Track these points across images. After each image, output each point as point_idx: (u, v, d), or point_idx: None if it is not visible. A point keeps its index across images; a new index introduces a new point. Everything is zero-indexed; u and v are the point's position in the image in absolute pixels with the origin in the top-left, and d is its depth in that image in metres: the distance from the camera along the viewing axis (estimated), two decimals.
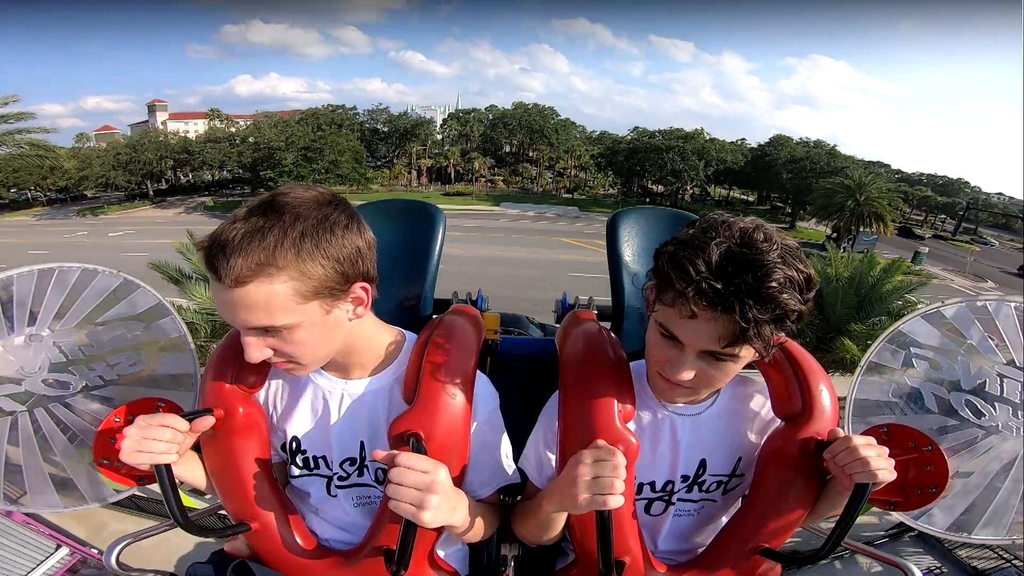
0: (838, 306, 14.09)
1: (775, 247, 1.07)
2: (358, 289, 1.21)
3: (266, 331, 1.14)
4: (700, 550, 1.46)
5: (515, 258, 35.23)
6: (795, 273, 1.06)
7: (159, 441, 1.18)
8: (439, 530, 1.34)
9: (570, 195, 68.89)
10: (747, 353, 1.15)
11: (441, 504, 1.15)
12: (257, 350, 1.16)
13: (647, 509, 1.45)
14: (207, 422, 1.29)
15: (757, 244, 1.06)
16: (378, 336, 1.39)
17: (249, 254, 1.05)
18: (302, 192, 1.15)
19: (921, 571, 1.36)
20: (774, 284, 1.03)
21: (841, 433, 1.28)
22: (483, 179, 71.23)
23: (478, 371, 1.40)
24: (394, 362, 1.39)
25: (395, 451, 1.17)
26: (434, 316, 1.78)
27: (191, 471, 1.39)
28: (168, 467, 1.20)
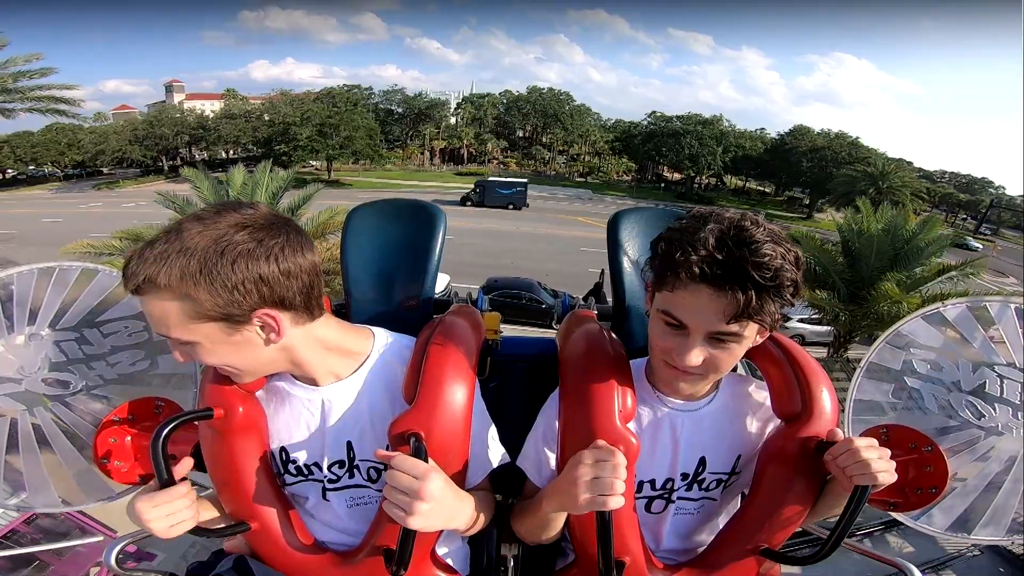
0: (872, 258, 14.11)
1: (762, 228, 1.13)
2: (263, 316, 1.17)
3: (173, 340, 1.16)
4: (700, 549, 1.46)
5: (530, 233, 36.63)
6: (784, 250, 1.12)
7: (181, 512, 1.21)
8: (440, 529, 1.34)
9: (583, 179, 69.17)
10: (751, 332, 1.18)
11: (431, 512, 1.15)
12: (174, 351, 1.20)
13: (648, 507, 1.45)
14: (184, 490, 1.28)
15: (745, 226, 1.12)
16: (336, 340, 1.36)
17: (141, 268, 1.08)
18: (219, 213, 1.14)
19: (956, 552, 1.37)
20: (768, 254, 1.09)
21: (841, 434, 1.28)
22: (496, 161, 71.64)
23: None
24: (367, 362, 1.38)
25: (394, 453, 1.17)
26: (434, 316, 1.77)
27: (207, 514, 1.41)
28: (168, 465, 1.20)
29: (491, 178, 51.53)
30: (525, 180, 51.09)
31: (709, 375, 1.28)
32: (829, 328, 17.27)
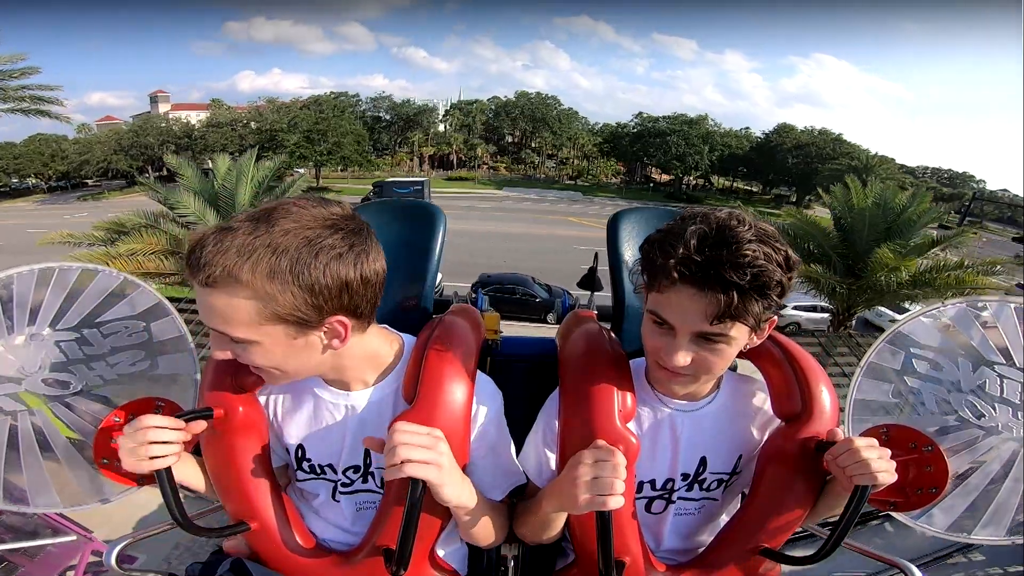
0: (865, 231, 14.32)
1: (748, 228, 1.12)
2: (334, 323, 1.15)
3: (228, 338, 1.12)
4: (701, 549, 1.46)
5: (524, 233, 37.16)
6: (772, 250, 1.10)
7: (156, 444, 1.17)
8: (440, 528, 1.34)
9: (573, 181, 69.75)
10: (739, 333, 1.17)
11: (452, 466, 1.18)
12: (219, 348, 1.15)
13: (648, 507, 1.45)
14: (200, 425, 1.28)
15: (731, 226, 1.11)
16: (376, 348, 1.36)
17: (221, 259, 1.02)
18: (309, 207, 1.10)
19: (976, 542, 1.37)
20: (749, 253, 1.07)
21: (840, 433, 1.28)
22: (485, 166, 72.12)
23: (481, 372, 1.40)
24: (396, 369, 1.38)
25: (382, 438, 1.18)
26: (434, 316, 1.78)
27: (191, 475, 1.40)
28: (168, 466, 1.20)
29: (389, 179, 52.22)
30: (424, 179, 51.77)
31: (700, 376, 1.28)
32: (826, 316, 17.28)
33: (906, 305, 20.36)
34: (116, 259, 11.67)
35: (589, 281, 2.45)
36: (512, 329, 2.09)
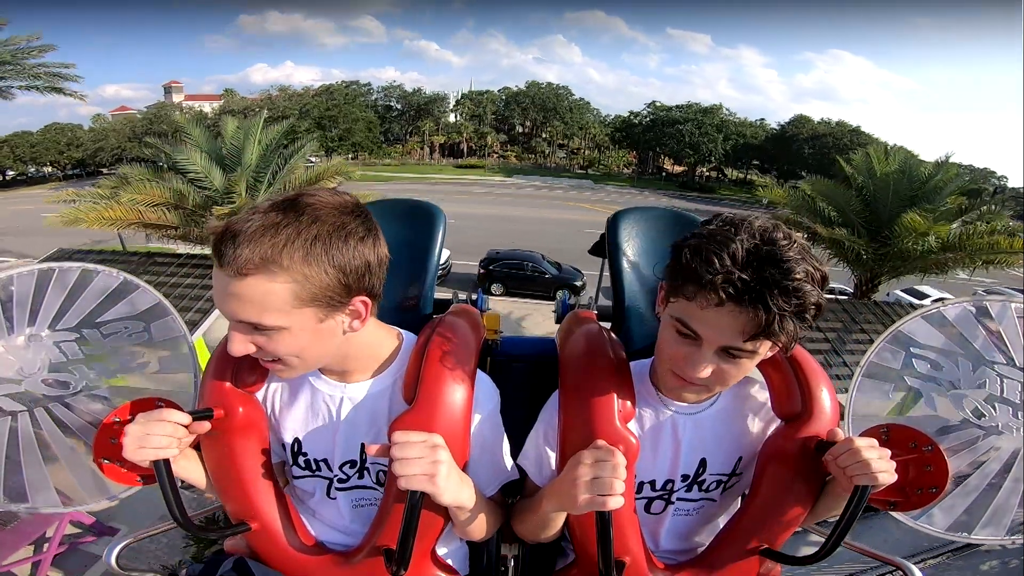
0: (889, 199, 13.90)
1: (794, 244, 1.09)
2: (358, 303, 1.19)
3: (255, 328, 1.13)
4: (700, 549, 1.46)
5: (536, 217, 38.34)
6: (813, 269, 1.08)
7: (160, 436, 1.19)
8: (440, 528, 1.34)
9: (584, 171, 69.58)
10: (764, 349, 1.15)
11: (452, 467, 1.18)
12: (241, 344, 1.16)
13: (647, 508, 1.45)
14: (204, 426, 1.29)
15: (779, 241, 1.07)
16: (377, 340, 1.38)
17: (256, 247, 1.05)
18: (327, 196, 1.15)
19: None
20: (798, 276, 1.04)
21: (841, 434, 1.28)
22: (495, 155, 72.22)
23: (479, 370, 1.40)
24: (393, 363, 1.38)
25: (385, 443, 1.18)
26: (434, 316, 1.77)
27: (191, 469, 1.39)
28: (168, 466, 1.20)
29: None
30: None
31: (715, 387, 1.26)
32: (844, 299, 16.96)
33: (924, 290, 20.13)
34: (116, 207, 11.54)
35: (600, 248, 2.46)
36: (522, 306, 2.09)
